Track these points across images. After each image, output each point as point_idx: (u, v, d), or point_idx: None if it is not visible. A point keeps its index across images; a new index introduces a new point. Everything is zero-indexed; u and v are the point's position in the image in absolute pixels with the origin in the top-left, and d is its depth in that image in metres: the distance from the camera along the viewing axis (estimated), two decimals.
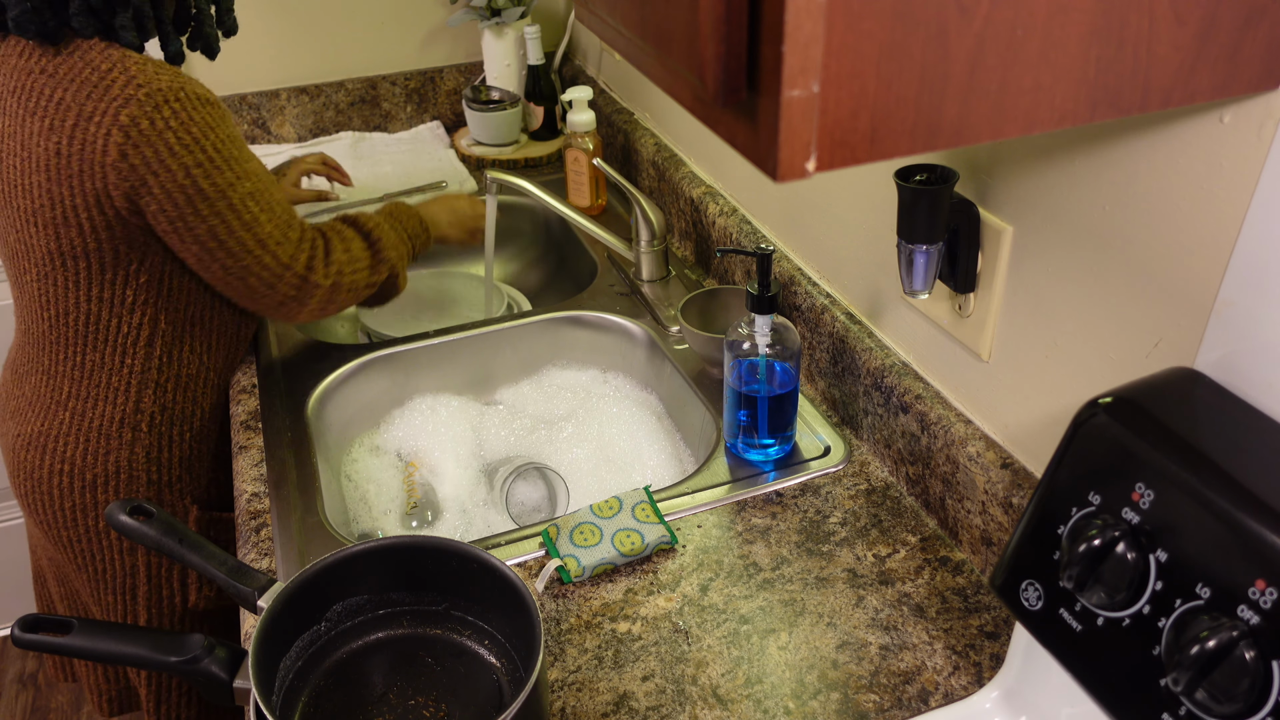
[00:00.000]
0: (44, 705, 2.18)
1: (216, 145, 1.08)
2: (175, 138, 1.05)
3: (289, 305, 1.19)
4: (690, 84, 0.53)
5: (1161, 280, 0.72)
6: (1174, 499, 0.60)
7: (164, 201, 1.07)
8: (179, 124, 1.05)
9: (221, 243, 1.11)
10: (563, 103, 1.91)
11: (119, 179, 1.05)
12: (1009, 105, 0.53)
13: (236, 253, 1.12)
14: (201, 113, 1.07)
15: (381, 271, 1.28)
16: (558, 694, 0.87)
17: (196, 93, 1.07)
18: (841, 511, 1.05)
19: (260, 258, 1.14)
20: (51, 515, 1.25)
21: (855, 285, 1.13)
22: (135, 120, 1.03)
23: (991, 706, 0.81)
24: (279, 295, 1.18)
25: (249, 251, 1.13)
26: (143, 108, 1.03)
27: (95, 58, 1.06)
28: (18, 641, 0.77)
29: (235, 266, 1.13)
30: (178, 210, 1.07)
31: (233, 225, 1.10)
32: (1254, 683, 0.55)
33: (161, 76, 1.05)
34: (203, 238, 1.10)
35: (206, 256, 1.12)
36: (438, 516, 1.22)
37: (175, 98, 1.05)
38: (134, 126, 1.03)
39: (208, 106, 1.08)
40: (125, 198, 1.07)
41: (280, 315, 1.22)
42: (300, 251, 1.17)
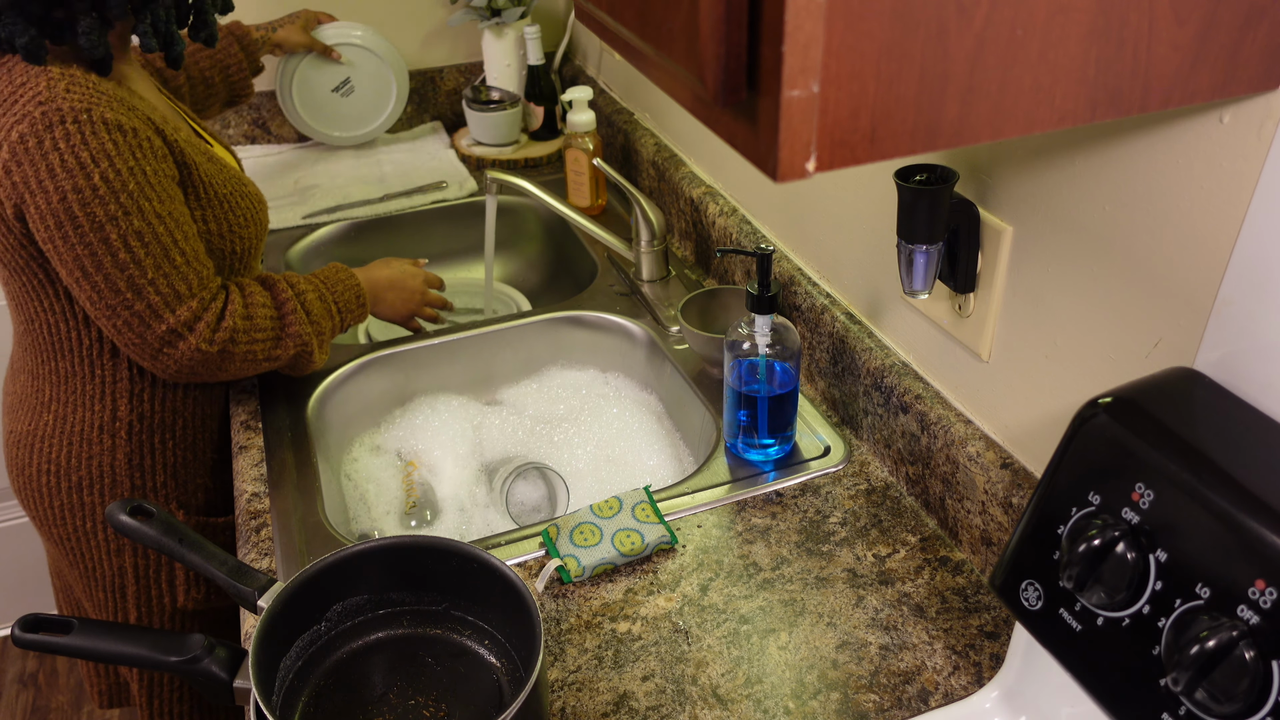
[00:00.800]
0: (44, 705, 2.18)
1: (107, 174, 1.01)
2: (59, 160, 0.99)
3: (163, 359, 1.10)
4: (690, 84, 0.53)
5: (1161, 280, 0.72)
6: (1174, 499, 0.60)
7: (39, 222, 1.02)
8: (67, 146, 0.99)
9: (87, 275, 1.04)
10: (563, 103, 1.91)
11: (5, 196, 1.03)
12: (1009, 105, 0.53)
13: (103, 290, 1.05)
14: (101, 138, 1.01)
15: (287, 347, 1.17)
16: (558, 694, 0.87)
17: (105, 117, 1.01)
18: (841, 511, 1.05)
19: (130, 301, 1.05)
20: (43, 512, 1.26)
21: (855, 285, 1.13)
22: (23, 138, 0.99)
23: (991, 706, 0.81)
24: (148, 346, 1.09)
25: (117, 292, 1.05)
26: (34, 126, 0.99)
27: (18, 72, 1.03)
28: (18, 641, 0.77)
29: (100, 303, 1.06)
30: (50, 233, 1.02)
31: (102, 261, 1.03)
32: (1254, 683, 0.55)
33: (71, 95, 1.00)
34: (69, 265, 1.04)
35: (74, 285, 1.06)
36: (437, 516, 1.22)
37: (74, 119, 1.00)
38: (21, 144, 0.99)
39: (115, 133, 1.01)
40: (15, 216, 1.04)
41: (157, 369, 1.12)
42: (184, 307, 1.08)
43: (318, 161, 1.92)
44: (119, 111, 1.03)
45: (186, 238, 1.08)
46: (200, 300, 1.09)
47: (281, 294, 1.18)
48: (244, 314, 1.13)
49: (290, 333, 1.17)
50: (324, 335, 1.21)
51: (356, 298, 1.26)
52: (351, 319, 1.26)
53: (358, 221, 1.71)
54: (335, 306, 1.23)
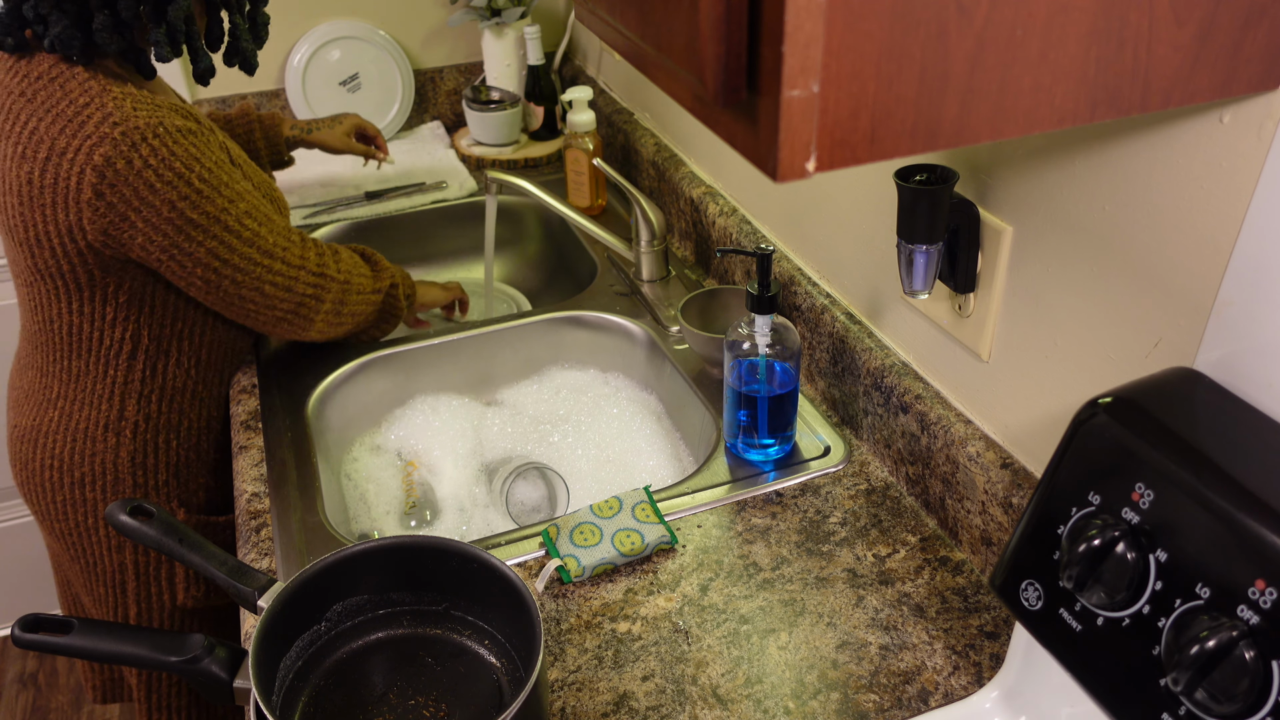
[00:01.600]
0: (44, 705, 2.18)
1: (202, 175, 1.07)
2: (155, 175, 1.03)
3: (306, 309, 1.20)
4: (690, 84, 0.53)
5: (1161, 280, 0.72)
6: (1174, 499, 0.60)
7: (152, 234, 1.06)
8: (158, 161, 1.03)
9: (226, 261, 1.11)
10: (563, 103, 1.91)
11: (95, 215, 1.04)
12: (1009, 105, 0.53)
13: (244, 267, 1.12)
14: (183, 145, 1.05)
15: (384, 280, 1.29)
16: (558, 694, 0.87)
17: (176, 125, 1.05)
18: (841, 511, 1.05)
19: (270, 266, 1.14)
20: (45, 507, 1.26)
21: (855, 285, 1.13)
22: (110, 160, 1.01)
23: (991, 706, 0.81)
24: (296, 297, 1.18)
25: (257, 263, 1.13)
26: (118, 147, 1.01)
27: (74, 89, 1.04)
28: (18, 641, 0.77)
29: (247, 280, 1.13)
30: (170, 240, 1.07)
31: (234, 244, 1.11)
32: (1254, 683, 0.55)
33: (140, 113, 1.04)
34: (204, 260, 1.10)
35: (214, 276, 1.12)
36: (437, 516, 1.22)
37: (154, 134, 1.03)
38: (109, 167, 1.01)
39: (189, 138, 1.06)
40: (101, 233, 1.06)
41: (295, 326, 1.21)
42: (308, 252, 1.19)
43: (318, 162, 1.92)
44: (178, 117, 1.07)
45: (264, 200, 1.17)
46: (309, 245, 1.20)
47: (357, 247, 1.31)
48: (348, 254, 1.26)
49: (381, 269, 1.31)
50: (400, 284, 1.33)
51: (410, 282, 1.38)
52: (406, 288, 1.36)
53: (358, 222, 1.71)
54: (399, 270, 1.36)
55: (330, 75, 1.91)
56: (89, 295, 1.14)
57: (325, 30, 1.88)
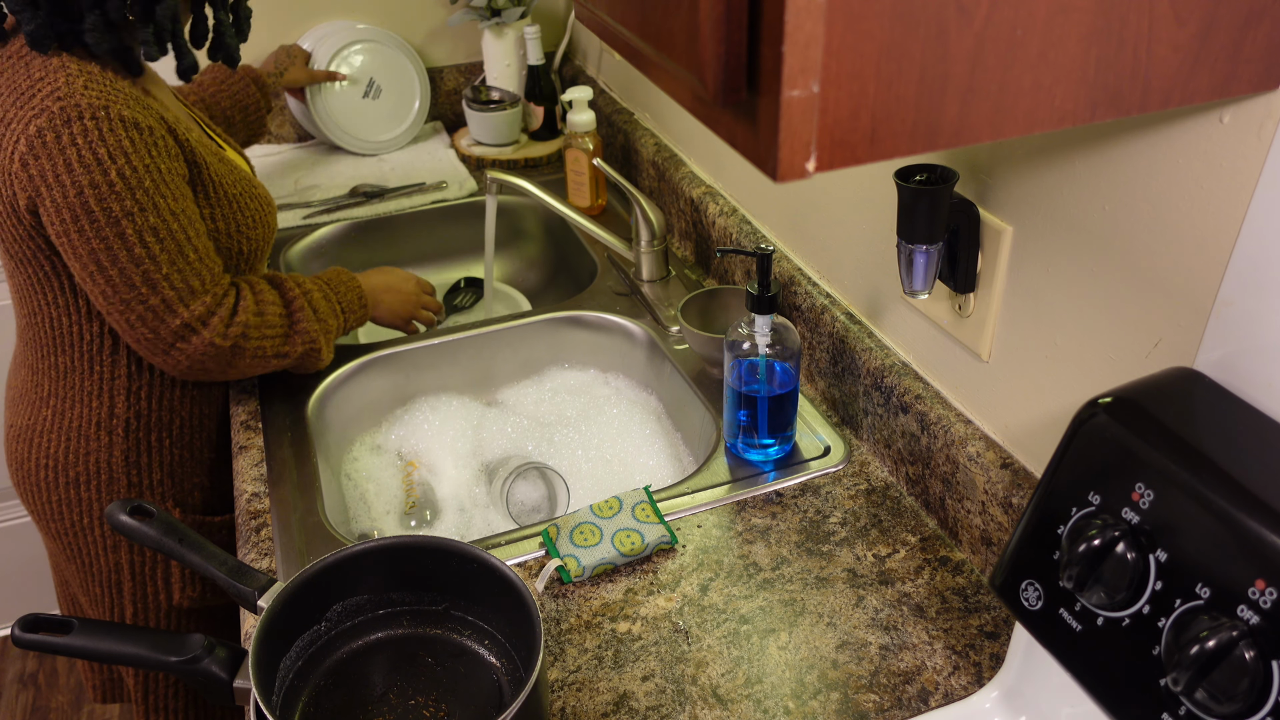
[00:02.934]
0: (44, 705, 2.18)
1: (123, 171, 1.02)
2: (76, 155, 1.00)
3: (175, 355, 1.11)
4: (690, 84, 0.53)
5: (1161, 280, 0.72)
6: (1174, 499, 0.60)
7: (53, 215, 1.03)
8: (85, 142, 1.00)
9: (102, 269, 1.05)
10: (563, 103, 1.91)
11: (20, 188, 1.03)
12: (1009, 105, 0.53)
13: (117, 284, 1.05)
14: (119, 135, 1.01)
15: (295, 345, 1.19)
16: (558, 694, 0.87)
17: (122, 114, 1.02)
18: (841, 511, 1.05)
19: (145, 296, 1.06)
20: (40, 506, 1.26)
21: (855, 285, 1.13)
22: (41, 132, 1.00)
23: (991, 706, 0.81)
24: (161, 341, 1.10)
25: (131, 286, 1.06)
26: (52, 120, 1.00)
27: (36, 67, 1.03)
28: (18, 641, 0.77)
29: (114, 298, 1.06)
30: (65, 226, 1.03)
31: (118, 255, 1.04)
32: (1254, 683, 0.55)
33: (89, 92, 1.01)
34: (84, 259, 1.04)
35: (87, 280, 1.06)
36: (437, 516, 1.22)
37: (92, 115, 1.00)
38: (39, 138, 1.00)
39: (132, 130, 1.02)
40: (28, 209, 1.04)
41: (168, 365, 1.12)
42: (198, 302, 1.09)
43: (318, 162, 1.92)
44: (135, 109, 1.04)
45: (199, 235, 1.10)
46: (213, 295, 1.11)
47: (289, 292, 1.20)
48: (256, 310, 1.14)
49: (299, 330, 1.19)
50: (330, 334, 1.23)
51: (358, 298, 1.28)
52: (354, 320, 1.28)
53: (358, 222, 1.71)
54: (339, 306, 1.25)
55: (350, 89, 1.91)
56: (59, 286, 1.13)
57: (334, 39, 1.88)
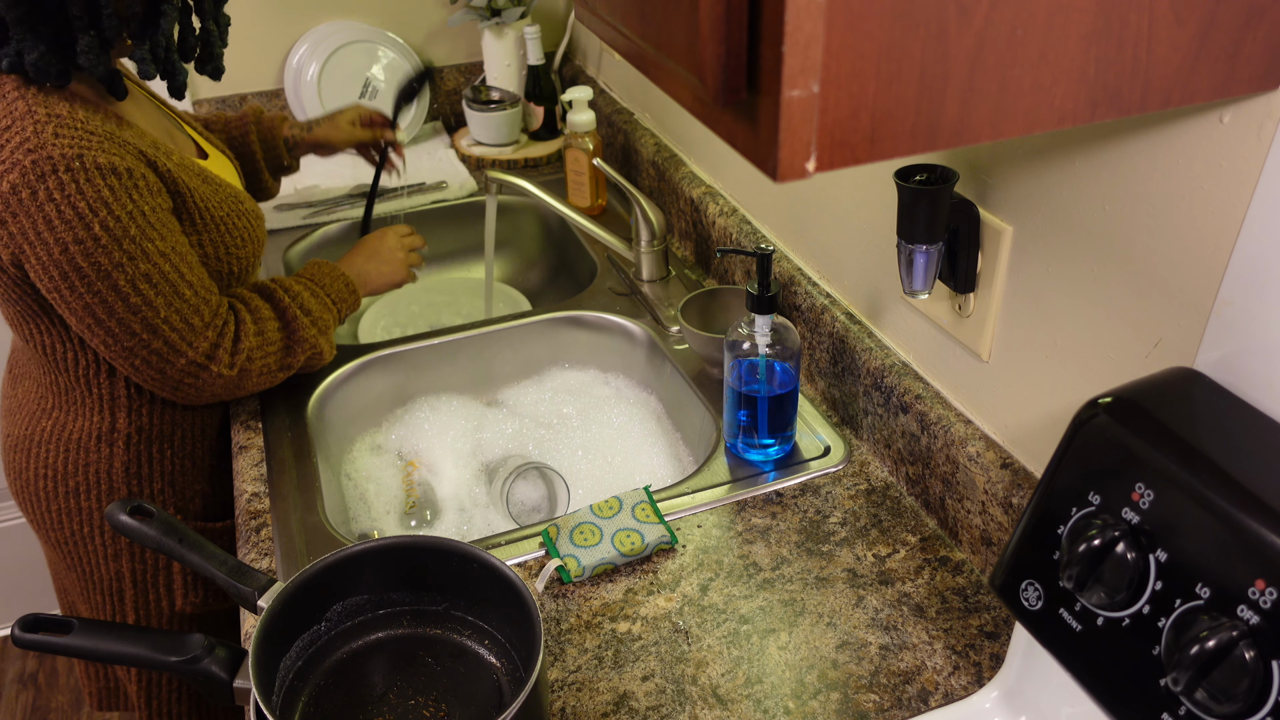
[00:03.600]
0: (44, 705, 2.18)
1: (106, 223, 0.99)
2: (56, 211, 0.97)
3: (185, 389, 1.11)
4: (690, 84, 0.53)
5: (1161, 280, 0.72)
6: (1174, 499, 0.60)
7: (40, 272, 1.01)
8: (63, 196, 0.97)
9: (100, 322, 1.04)
10: (563, 103, 1.91)
11: (1, 245, 1.01)
12: (1009, 105, 0.53)
13: (117, 334, 1.05)
14: (97, 185, 0.98)
15: (298, 355, 1.18)
16: (558, 694, 0.87)
17: (98, 162, 0.98)
18: (841, 511, 1.05)
19: (147, 341, 1.06)
20: (40, 516, 1.25)
21: (855, 285, 1.13)
22: (15, 189, 0.97)
23: (991, 706, 0.81)
24: (170, 380, 1.10)
25: (133, 335, 1.05)
26: (25, 176, 0.96)
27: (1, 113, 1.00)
28: (18, 641, 0.77)
29: (115, 346, 1.06)
30: (54, 283, 1.01)
31: (114, 307, 1.03)
32: (1254, 683, 0.55)
33: (60, 140, 0.98)
34: (79, 314, 1.03)
35: (87, 331, 1.05)
36: (437, 516, 1.22)
37: (67, 167, 0.97)
38: (14, 195, 0.97)
39: (110, 178, 0.99)
40: (12, 262, 1.03)
41: (179, 398, 1.13)
42: (201, 339, 1.09)
43: (317, 162, 1.92)
44: (110, 153, 1.00)
45: (191, 268, 1.08)
46: (214, 329, 1.10)
47: (281, 303, 1.18)
48: (255, 331, 1.14)
49: (298, 339, 1.18)
50: (327, 331, 1.22)
51: (345, 285, 1.26)
52: (347, 308, 1.27)
53: (358, 222, 1.71)
54: (329, 299, 1.23)
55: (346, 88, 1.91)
56: (49, 319, 1.11)
57: (333, 39, 1.88)
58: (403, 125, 1.48)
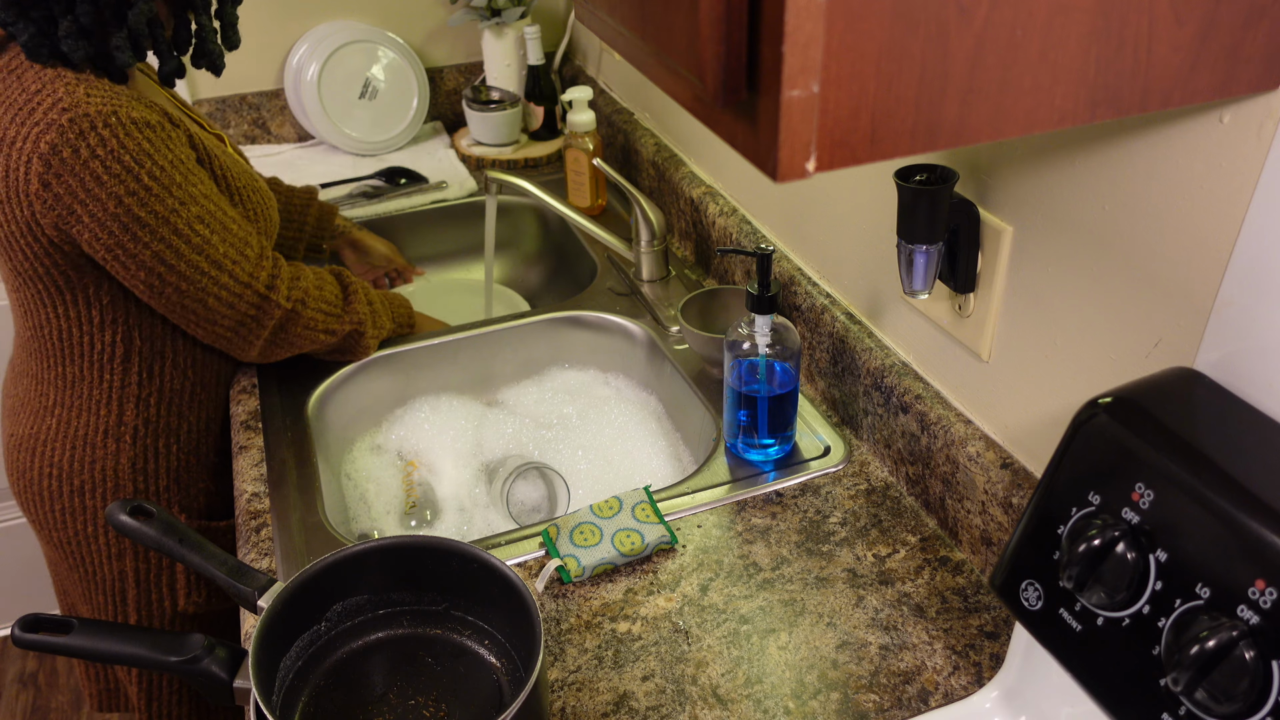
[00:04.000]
0: (44, 705, 2.18)
1: (153, 172, 1.02)
2: (102, 166, 0.99)
3: (247, 328, 1.15)
4: (690, 84, 0.53)
5: (1161, 280, 0.72)
6: (1174, 499, 0.60)
7: (97, 230, 1.02)
8: (106, 151, 0.99)
9: (171, 267, 1.06)
10: (563, 103, 1.91)
11: (44, 208, 1.01)
12: (1009, 105, 0.53)
13: (190, 275, 1.08)
14: (136, 138, 1.01)
15: (345, 322, 1.23)
16: (558, 694, 0.87)
17: (132, 116, 1.01)
18: (841, 511, 1.05)
19: (217, 278, 1.09)
20: (43, 515, 1.25)
21: (855, 285, 1.13)
22: (56, 148, 0.98)
23: (991, 706, 0.81)
24: (238, 315, 1.13)
25: (203, 273, 1.08)
26: (64, 135, 0.98)
27: (29, 78, 1.02)
28: (18, 641, 0.77)
29: (191, 290, 1.09)
30: (115, 239, 1.03)
31: (181, 250, 1.06)
32: (1254, 683, 0.55)
33: (92, 99, 1.00)
34: (149, 264, 1.05)
35: (157, 282, 1.07)
36: (437, 516, 1.22)
37: (105, 123, 0.99)
38: (55, 155, 0.98)
39: (145, 130, 1.02)
40: (54, 227, 1.03)
41: (236, 343, 1.17)
42: (259, 269, 1.13)
43: (317, 162, 1.92)
44: (140, 109, 1.03)
45: (228, 209, 1.13)
46: (268, 259, 1.15)
47: (346, 277, 1.26)
48: (315, 283, 1.20)
49: (351, 309, 1.24)
50: (380, 326, 1.30)
51: (409, 315, 1.36)
52: (402, 327, 1.35)
53: (358, 221, 1.71)
54: (392, 311, 1.33)
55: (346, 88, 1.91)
56: (71, 299, 1.12)
57: (333, 39, 1.88)
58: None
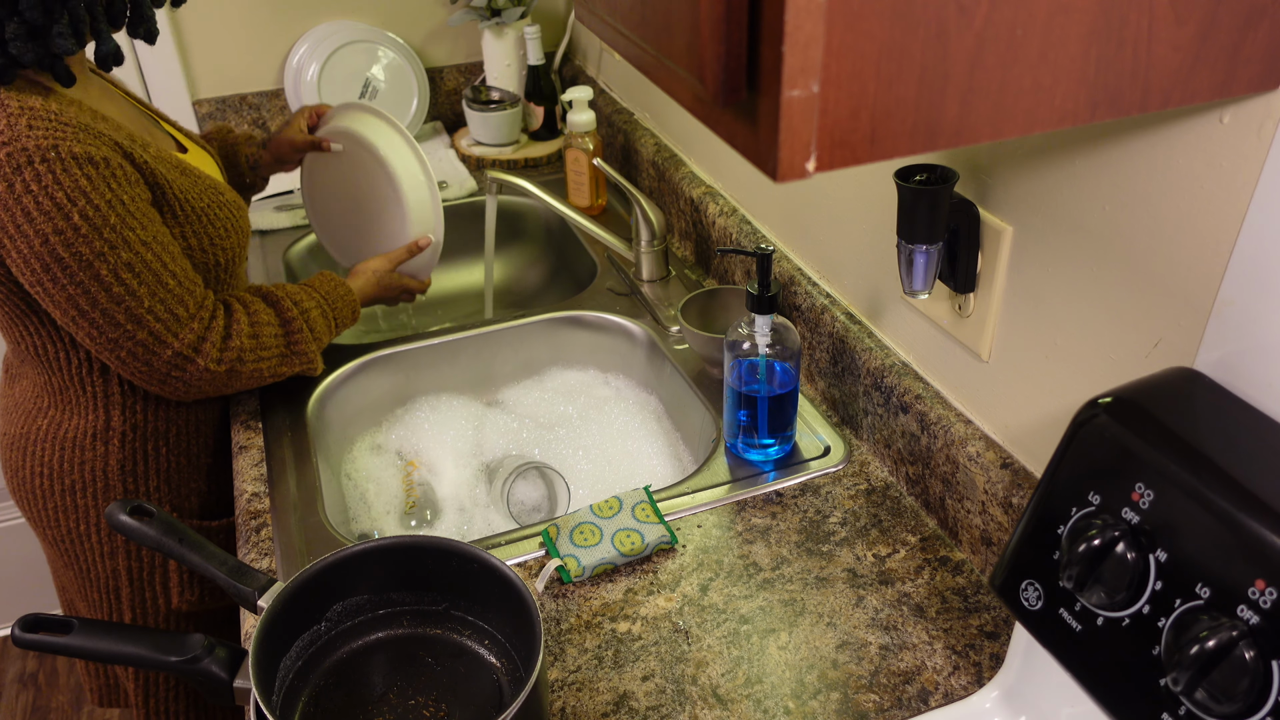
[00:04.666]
0: (44, 705, 2.18)
1: (85, 212, 0.98)
2: (34, 202, 0.97)
3: (171, 383, 1.10)
4: (690, 84, 0.53)
5: (1161, 280, 0.72)
6: (1174, 499, 0.60)
7: (22, 265, 1.00)
8: (40, 187, 0.96)
9: (83, 313, 1.03)
10: (563, 103, 1.91)
11: None
12: (1009, 105, 0.53)
13: (101, 325, 1.04)
14: (74, 174, 0.98)
15: (293, 365, 1.19)
16: (558, 694, 0.87)
17: (74, 151, 0.98)
18: (841, 511, 1.05)
19: (132, 332, 1.05)
20: (37, 514, 1.26)
21: (855, 285, 1.13)
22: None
23: (991, 706, 0.81)
24: (158, 373, 1.09)
25: (116, 325, 1.04)
26: (1, 169, 0.96)
27: None
28: (18, 641, 0.77)
29: (100, 339, 1.05)
30: (36, 275, 1.01)
31: (97, 297, 1.02)
32: (1254, 682, 0.55)
33: (35, 132, 0.97)
34: (62, 306, 1.03)
35: (70, 325, 1.05)
36: (437, 516, 1.22)
37: (42, 158, 0.96)
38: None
39: (87, 167, 0.99)
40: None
41: (166, 392, 1.12)
42: (186, 330, 1.07)
43: None
44: (85, 143, 1.00)
45: (174, 259, 1.07)
46: (200, 320, 1.09)
47: (287, 313, 1.18)
48: (250, 334, 1.13)
49: (297, 351, 1.18)
50: (323, 345, 1.24)
51: (352, 312, 1.28)
52: (344, 328, 1.29)
53: None
54: (334, 321, 1.25)
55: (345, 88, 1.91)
56: (38, 319, 1.11)
57: (333, 39, 1.88)
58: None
